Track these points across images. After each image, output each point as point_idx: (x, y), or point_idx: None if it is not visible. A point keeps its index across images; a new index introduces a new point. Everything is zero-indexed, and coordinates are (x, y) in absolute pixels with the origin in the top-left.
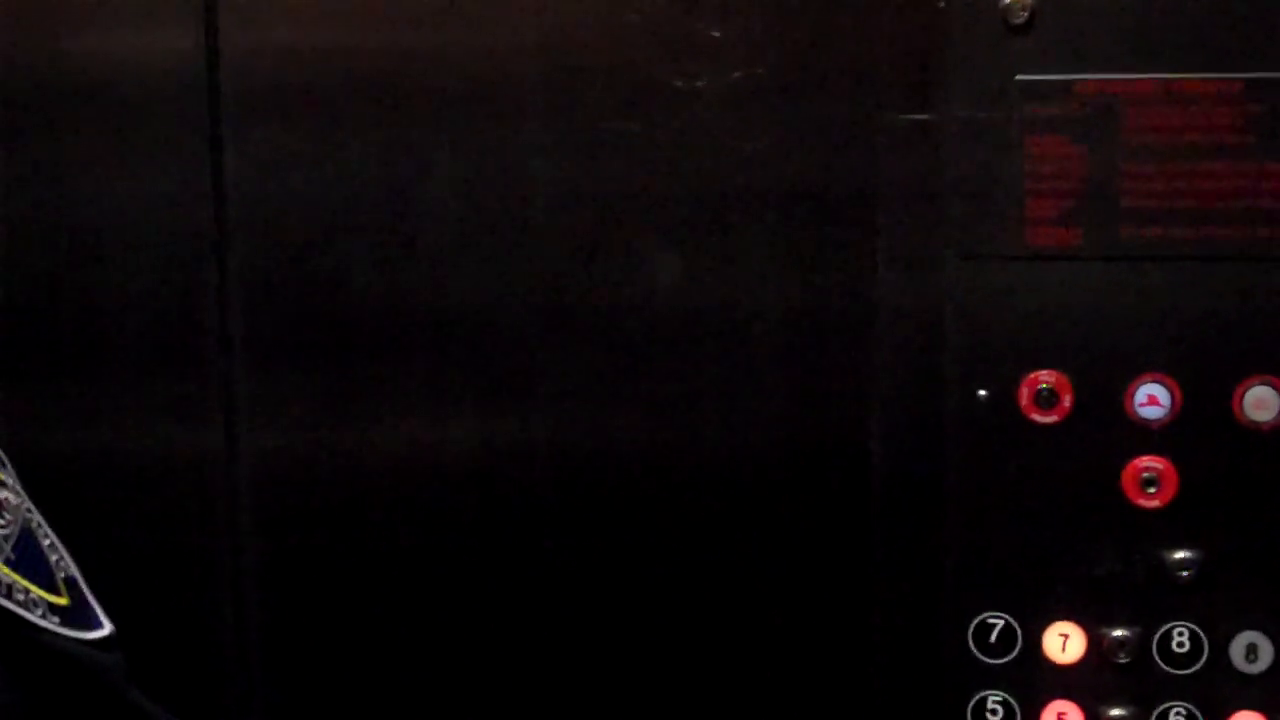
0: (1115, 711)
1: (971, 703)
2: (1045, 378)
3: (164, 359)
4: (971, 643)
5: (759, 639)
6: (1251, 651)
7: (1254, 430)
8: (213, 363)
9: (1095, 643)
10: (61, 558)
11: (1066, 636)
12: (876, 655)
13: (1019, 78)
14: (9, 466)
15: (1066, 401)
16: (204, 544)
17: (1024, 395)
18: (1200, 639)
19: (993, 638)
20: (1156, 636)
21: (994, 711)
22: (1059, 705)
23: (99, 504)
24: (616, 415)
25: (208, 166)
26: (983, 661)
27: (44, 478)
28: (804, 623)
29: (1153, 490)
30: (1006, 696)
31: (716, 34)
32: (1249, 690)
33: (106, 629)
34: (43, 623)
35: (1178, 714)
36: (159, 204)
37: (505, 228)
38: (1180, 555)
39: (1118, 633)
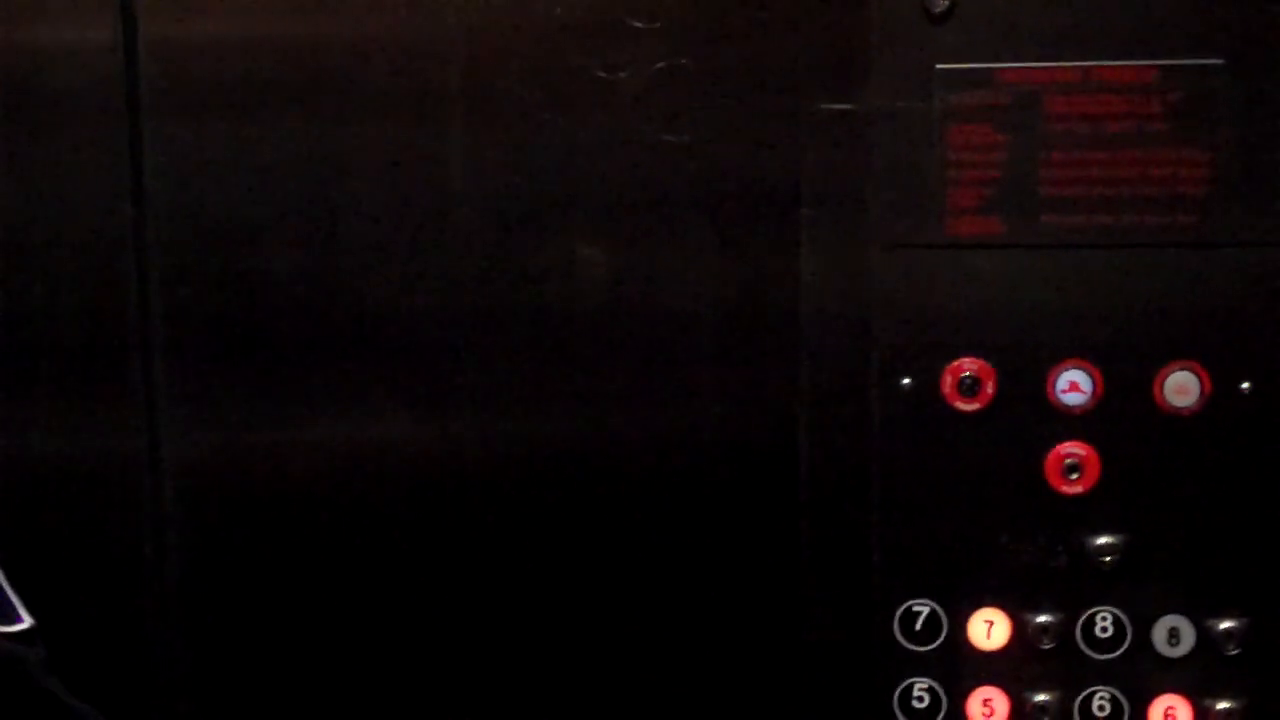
0: (1040, 697)
1: (898, 690)
2: (968, 366)
3: (84, 360)
4: (898, 630)
5: (689, 630)
6: (1173, 635)
7: (1175, 415)
8: (134, 364)
9: (1020, 629)
10: None
11: (991, 623)
12: (805, 644)
13: (940, 67)
14: None
15: (989, 389)
16: (128, 546)
17: (947, 383)
18: (1123, 624)
19: (919, 625)
20: (1080, 622)
21: (920, 699)
22: (984, 691)
23: (23, 507)
24: (542, 413)
25: (127, 164)
26: (909, 649)
27: None
28: (733, 613)
29: (1075, 476)
30: (933, 684)
31: (639, 24)
32: (1171, 674)
33: (26, 622)
34: None
35: (1102, 699)
36: (77, 203)
37: (429, 224)
38: (1103, 541)
39: (1042, 619)
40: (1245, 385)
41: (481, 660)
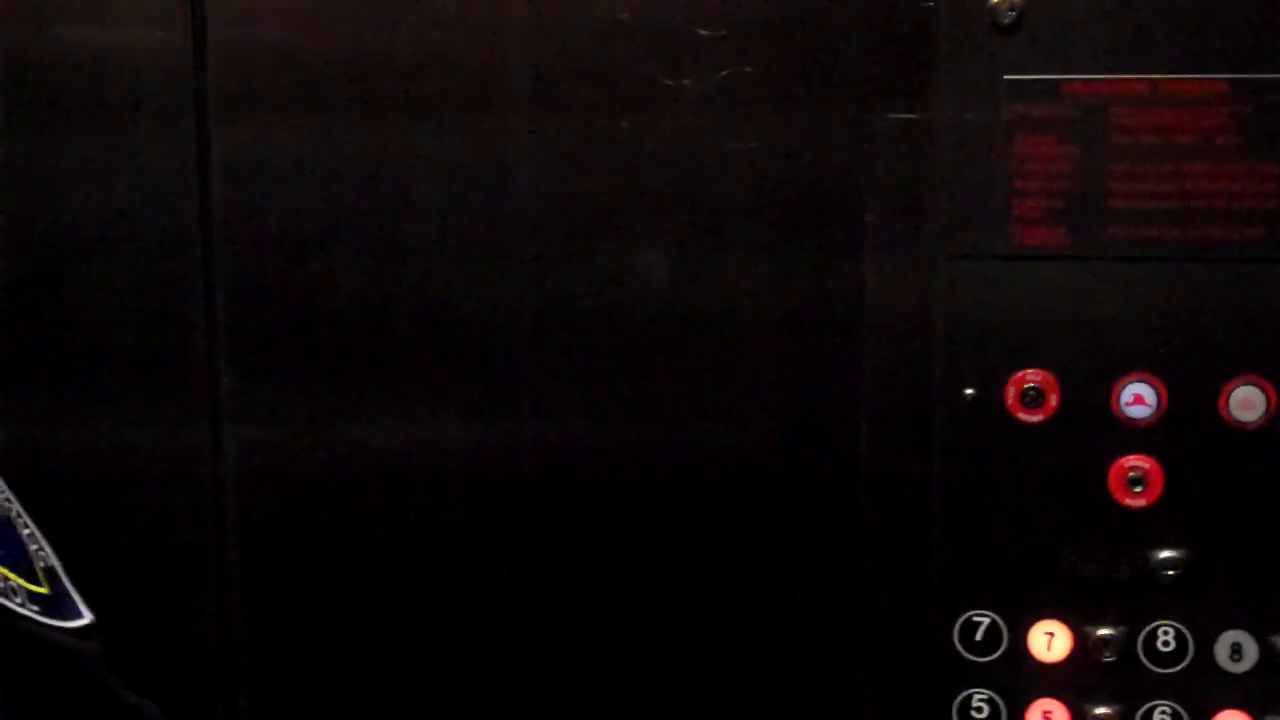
0: (1100, 710)
1: (957, 701)
2: (1032, 377)
3: (149, 359)
4: (957, 641)
5: (747, 639)
6: (1236, 651)
7: (1240, 430)
8: (198, 363)
9: (1081, 641)
10: (41, 548)
11: (1052, 635)
12: (863, 654)
13: (1007, 78)
14: None
15: (1053, 401)
16: (189, 543)
17: (1011, 394)
18: (1185, 638)
19: (978, 636)
20: (1142, 635)
21: (979, 710)
22: (1044, 704)
23: (86, 504)
24: (604, 418)
25: (194, 165)
26: (968, 660)
27: (30, 477)
28: (792, 622)
29: (1139, 489)
30: (992, 695)
31: (705, 31)
32: (1234, 689)
33: (86, 618)
34: (22, 610)
35: (1163, 713)
36: (144, 203)
37: (492, 229)
38: (1166, 554)
39: (1103, 631)
40: None
41: (546, 664)
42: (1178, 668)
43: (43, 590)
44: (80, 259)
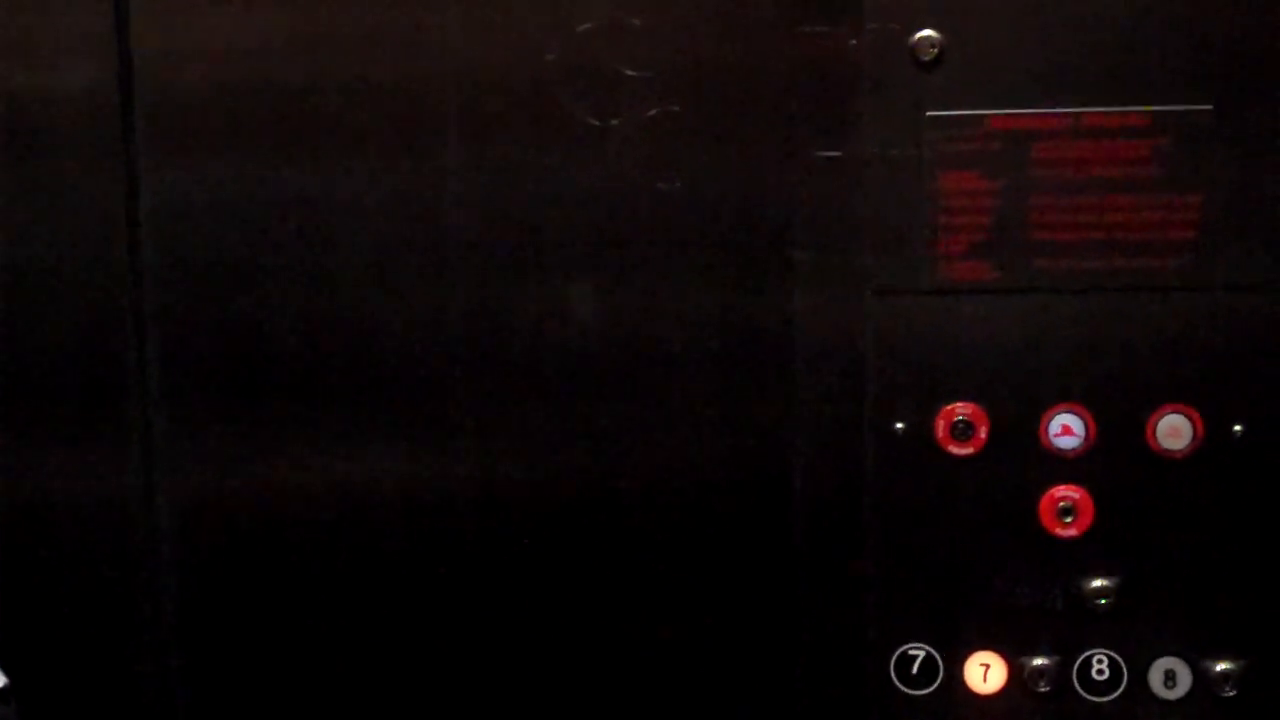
0: None
1: None
2: (961, 410)
3: (80, 400)
4: (894, 674)
5: (686, 674)
6: (1170, 678)
7: (1167, 458)
8: (129, 402)
9: (1016, 672)
10: None
11: (988, 666)
12: (801, 688)
13: (929, 114)
14: None
15: (983, 433)
16: (124, 584)
17: (941, 427)
18: (1119, 666)
19: (915, 669)
20: (1076, 665)
21: None
22: None
23: (16, 547)
24: (537, 448)
25: (122, 204)
26: (905, 693)
27: None
28: (728, 656)
29: (1069, 520)
30: None
31: (632, 73)
32: (1168, 716)
33: (1, 681)
34: None
35: None
36: (72, 243)
37: (422, 265)
38: (1098, 583)
39: (1038, 662)
40: (1237, 428)
41: (473, 697)
42: (1112, 695)
43: None
44: (8, 300)
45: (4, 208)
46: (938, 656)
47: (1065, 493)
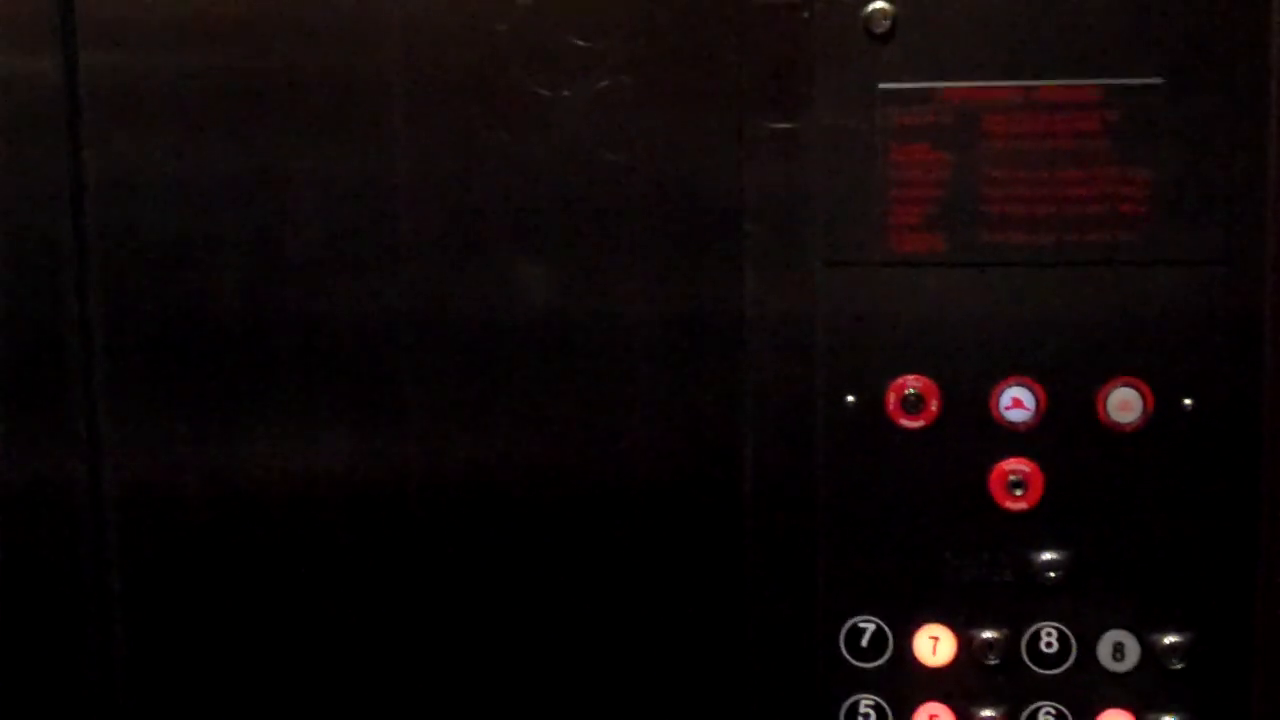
0: (986, 712)
1: (844, 707)
2: (912, 383)
3: (21, 380)
4: (844, 647)
5: (633, 648)
6: (1118, 650)
7: (1118, 431)
8: (73, 384)
9: (965, 645)
10: None
11: (937, 639)
12: (751, 661)
13: (882, 86)
14: None
15: (933, 406)
16: (68, 570)
17: (891, 400)
18: (1069, 639)
19: (864, 641)
20: (1025, 637)
21: (866, 715)
22: (931, 707)
23: None
24: (486, 428)
25: (67, 185)
26: (855, 665)
27: None
28: (678, 630)
29: (1019, 493)
30: (879, 700)
31: (582, 43)
32: (1116, 689)
33: None
34: None
35: (1047, 714)
36: (15, 222)
37: (372, 241)
38: (1048, 556)
39: (987, 634)
40: (1187, 401)
41: (418, 682)
42: (1061, 669)
43: None
44: None
45: None
46: (887, 629)
47: (1015, 466)
